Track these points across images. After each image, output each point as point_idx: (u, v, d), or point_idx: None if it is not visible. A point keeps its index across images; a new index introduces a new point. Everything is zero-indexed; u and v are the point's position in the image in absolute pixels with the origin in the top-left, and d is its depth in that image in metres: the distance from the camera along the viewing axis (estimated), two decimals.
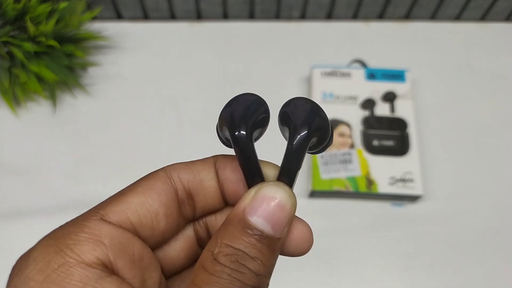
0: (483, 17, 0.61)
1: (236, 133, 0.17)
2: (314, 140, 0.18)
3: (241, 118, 0.18)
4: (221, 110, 0.18)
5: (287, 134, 0.18)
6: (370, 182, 0.49)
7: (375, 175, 0.49)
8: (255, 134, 0.18)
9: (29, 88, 0.51)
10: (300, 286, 0.46)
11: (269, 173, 0.19)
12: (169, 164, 0.20)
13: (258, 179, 0.18)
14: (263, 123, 0.18)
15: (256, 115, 0.18)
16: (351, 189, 0.48)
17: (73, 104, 0.54)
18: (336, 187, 0.48)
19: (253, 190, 0.17)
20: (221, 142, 0.19)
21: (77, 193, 0.50)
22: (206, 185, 0.19)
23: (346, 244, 0.48)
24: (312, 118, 0.18)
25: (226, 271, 0.16)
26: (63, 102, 0.54)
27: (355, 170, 0.49)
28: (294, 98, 0.19)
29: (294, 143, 0.17)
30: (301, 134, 0.17)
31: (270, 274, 0.17)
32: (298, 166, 0.18)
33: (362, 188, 0.48)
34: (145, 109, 0.55)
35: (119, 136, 0.53)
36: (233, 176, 0.19)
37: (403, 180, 0.49)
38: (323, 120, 0.18)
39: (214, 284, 0.16)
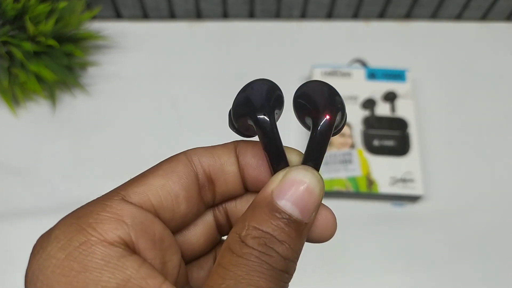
0: (484, 17, 0.61)
1: (259, 116, 0.17)
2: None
3: (262, 101, 0.18)
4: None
5: (305, 118, 0.18)
6: (370, 182, 0.48)
7: (375, 175, 0.49)
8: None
9: (28, 88, 0.51)
10: (300, 286, 0.46)
11: (292, 158, 0.19)
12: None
13: (284, 163, 0.18)
14: (280, 107, 0.18)
15: (274, 99, 0.18)
16: (351, 189, 0.48)
17: (72, 104, 0.54)
18: (336, 187, 0.48)
19: (281, 174, 0.17)
20: (234, 131, 0.19)
21: (77, 193, 0.49)
22: (226, 169, 0.19)
23: (346, 244, 0.48)
24: (333, 101, 0.18)
25: (254, 254, 0.16)
26: (63, 102, 0.54)
27: (355, 170, 0.49)
28: (308, 82, 0.19)
29: (319, 127, 0.17)
30: (326, 118, 0.17)
31: (297, 260, 0.17)
32: (323, 151, 0.18)
33: (363, 188, 0.48)
34: (145, 109, 0.55)
35: (119, 136, 0.53)
36: (254, 162, 0.19)
37: (403, 180, 0.48)
38: (342, 103, 0.18)
39: (242, 266, 0.16)
